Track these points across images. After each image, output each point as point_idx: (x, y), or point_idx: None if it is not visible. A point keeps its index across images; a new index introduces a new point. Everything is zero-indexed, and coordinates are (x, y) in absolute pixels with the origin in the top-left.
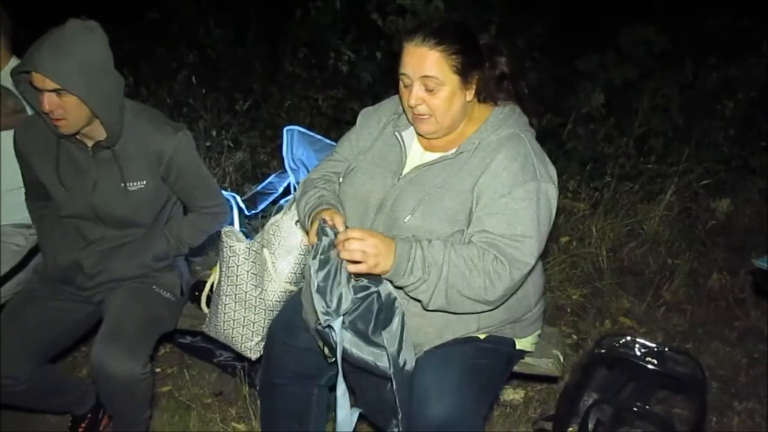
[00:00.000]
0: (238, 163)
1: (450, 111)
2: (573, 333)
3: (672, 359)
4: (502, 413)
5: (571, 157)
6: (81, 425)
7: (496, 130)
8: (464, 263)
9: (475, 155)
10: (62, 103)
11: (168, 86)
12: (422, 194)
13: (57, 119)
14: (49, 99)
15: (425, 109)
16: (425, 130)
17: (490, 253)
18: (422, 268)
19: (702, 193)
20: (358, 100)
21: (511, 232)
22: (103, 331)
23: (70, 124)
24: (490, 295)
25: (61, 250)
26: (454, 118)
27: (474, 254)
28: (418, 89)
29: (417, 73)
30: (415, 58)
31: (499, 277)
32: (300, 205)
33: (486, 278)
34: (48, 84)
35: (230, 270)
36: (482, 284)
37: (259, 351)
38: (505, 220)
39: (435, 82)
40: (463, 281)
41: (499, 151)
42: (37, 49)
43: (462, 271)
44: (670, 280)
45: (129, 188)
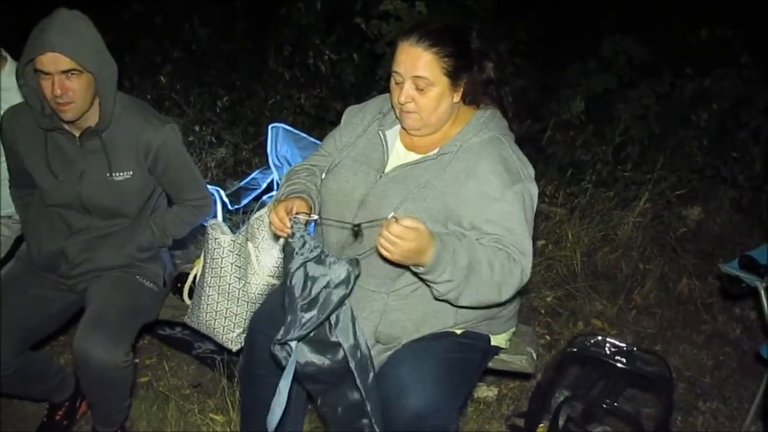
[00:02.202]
0: (220, 159)
1: (437, 111)
2: (546, 334)
3: (641, 359)
4: (476, 409)
5: (550, 163)
6: (58, 413)
7: (477, 133)
8: (487, 264)
9: (457, 157)
10: (72, 85)
11: (151, 79)
12: (406, 192)
13: (65, 103)
14: (60, 82)
15: (413, 107)
16: (410, 126)
17: (503, 252)
18: (452, 269)
19: (674, 201)
20: (341, 99)
21: (511, 233)
22: (87, 319)
23: (77, 108)
24: (504, 294)
25: (46, 238)
26: (440, 118)
27: (491, 254)
28: (409, 87)
29: (409, 72)
30: (409, 58)
31: (512, 276)
32: (280, 191)
33: (501, 279)
34: (62, 64)
35: (215, 262)
36: (497, 285)
37: (240, 342)
38: (502, 223)
39: (426, 82)
40: (480, 281)
41: (482, 155)
42: (43, 33)
43: (484, 273)
44: (641, 285)
45: (115, 178)
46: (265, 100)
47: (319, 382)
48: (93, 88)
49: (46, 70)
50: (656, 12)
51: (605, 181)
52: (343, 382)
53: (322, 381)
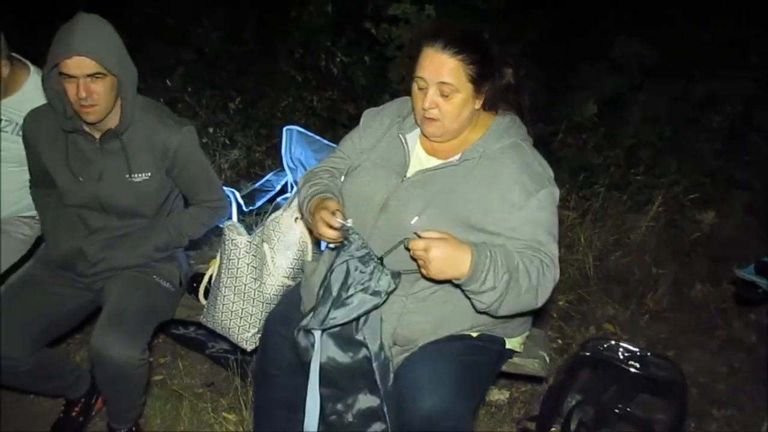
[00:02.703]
0: (233, 160)
1: (459, 117)
2: (558, 338)
3: (654, 364)
4: (488, 412)
5: (561, 166)
6: (74, 409)
7: (498, 139)
8: (525, 270)
9: (480, 164)
10: (97, 88)
11: (164, 82)
12: (429, 197)
13: (89, 106)
14: (85, 85)
15: (437, 113)
16: (432, 133)
17: (536, 258)
18: (494, 277)
19: (688, 205)
20: (352, 102)
21: (539, 239)
22: (104, 318)
23: (100, 111)
24: (540, 299)
25: (65, 237)
26: (461, 125)
27: (527, 261)
28: (433, 94)
29: (435, 78)
30: (434, 64)
31: (547, 280)
32: (301, 193)
33: (537, 284)
34: (87, 67)
35: (231, 262)
36: (535, 290)
37: (254, 342)
38: (529, 231)
39: (451, 88)
40: (520, 289)
41: (505, 162)
42: (68, 37)
43: (522, 280)
44: (654, 289)
45: (134, 179)
46: (277, 102)
47: (332, 386)
48: (115, 91)
49: (71, 73)
50: (661, 12)
51: (618, 184)
52: (356, 386)
53: (336, 384)
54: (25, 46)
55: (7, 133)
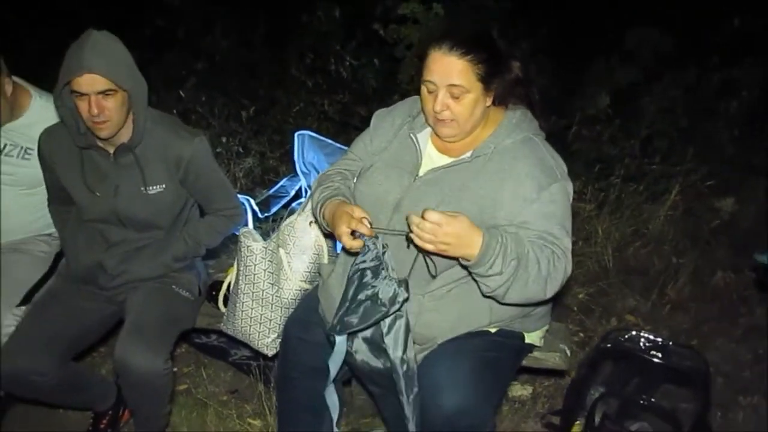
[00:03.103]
0: (248, 168)
1: (472, 116)
2: (579, 331)
3: (676, 353)
4: (511, 408)
5: (577, 159)
6: (102, 421)
7: (510, 134)
8: (534, 258)
9: (492, 159)
10: (108, 104)
11: (176, 93)
12: (442, 196)
13: (101, 122)
14: (97, 102)
15: (449, 115)
16: (446, 134)
17: (548, 249)
18: (502, 261)
19: (706, 193)
20: (364, 104)
21: (551, 231)
22: (126, 329)
23: (113, 126)
24: (549, 290)
25: (84, 252)
26: (475, 123)
27: (538, 250)
28: (444, 96)
29: (444, 81)
30: (443, 66)
31: (557, 272)
32: (314, 196)
33: (547, 274)
34: (99, 84)
35: (248, 269)
36: (545, 280)
37: (275, 348)
38: (541, 224)
39: (461, 90)
40: (528, 277)
41: (517, 157)
42: (78, 55)
43: (532, 267)
44: (674, 279)
45: (149, 192)
46: (289, 107)
47: (376, 385)
48: (127, 106)
49: (82, 90)
50: (674, 2)
51: (634, 175)
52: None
53: (379, 384)
54: (38, 65)
55: (11, 157)
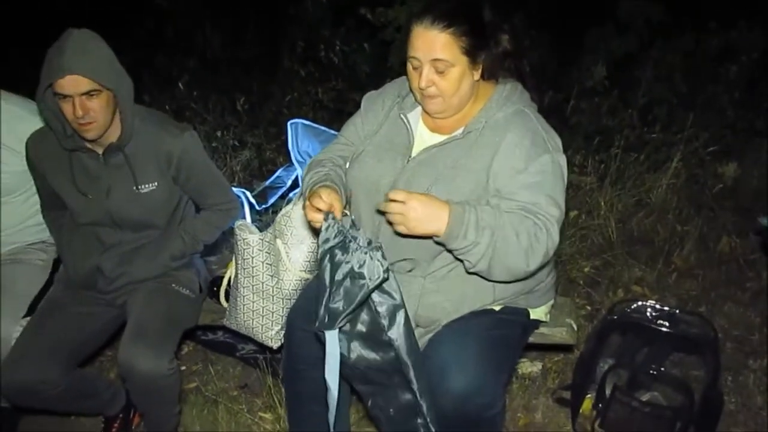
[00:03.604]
0: (245, 161)
1: (459, 91)
2: (587, 304)
3: (684, 321)
4: (521, 385)
5: (576, 132)
6: (114, 425)
7: (501, 107)
8: (511, 228)
9: (483, 134)
10: (93, 105)
11: (170, 91)
12: (435, 174)
13: (87, 123)
14: (81, 103)
15: (435, 91)
16: (434, 110)
17: (528, 220)
18: (475, 232)
19: (708, 159)
20: (357, 90)
21: (536, 201)
22: (128, 332)
23: (99, 127)
24: (532, 262)
25: (81, 256)
26: (462, 98)
27: (516, 221)
28: (429, 72)
29: (427, 56)
30: (425, 42)
31: (539, 242)
32: (304, 183)
33: (528, 245)
34: (82, 85)
35: (245, 262)
36: (525, 251)
37: (279, 340)
38: (527, 194)
39: (445, 64)
40: (508, 247)
41: (508, 129)
42: (59, 56)
43: (510, 238)
44: (680, 247)
45: (141, 191)
46: (283, 98)
47: (369, 383)
48: (113, 105)
49: (66, 92)
50: None
51: (634, 145)
52: (392, 382)
53: (372, 381)
54: (25, 67)
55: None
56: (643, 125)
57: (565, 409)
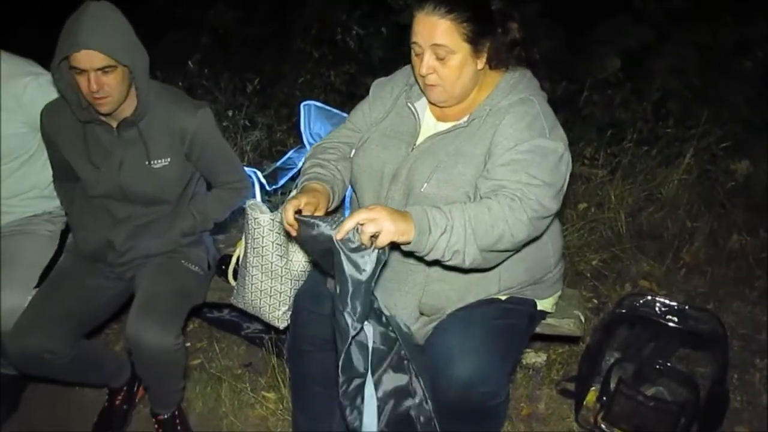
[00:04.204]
0: (255, 141)
1: (460, 79)
2: (593, 297)
3: (693, 317)
4: (525, 375)
5: (589, 124)
6: (118, 397)
7: (506, 95)
8: (482, 207)
9: (486, 121)
10: (108, 80)
11: (181, 69)
12: (437, 162)
13: (102, 98)
14: (96, 78)
15: (436, 79)
16: (435, 99)
17: (500, 195)
18: (444, 216)
19: (721, 155)
20: (370, 74)
21: (516, 179)
22: (137, 306)
23: (113, 101)
24: (516, 233)
25: (92, 229)
26: (464, 87)
27: (487, 202)
28: (429, 58)
29: (428, 41)
30: (426, 27)
31: (514, 212)
32: (303, 167)
33: (505, 216)
34: (97, 61)
35: (255, 242)
36: (504, 222)
37: (286, 320)
38: (509, 170)
39: (446, 50)
40: (485, 225)
41: (508, 112)
42: (75, 30)
43: (482, 216)
44: (689, 243)
45: (154, 166)
46: (295, 80)
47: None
48: (128, 80)
49: (81, 67)
50: None
51: (647, 139)
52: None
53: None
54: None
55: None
56: (657, 119)
57: (568, 400)
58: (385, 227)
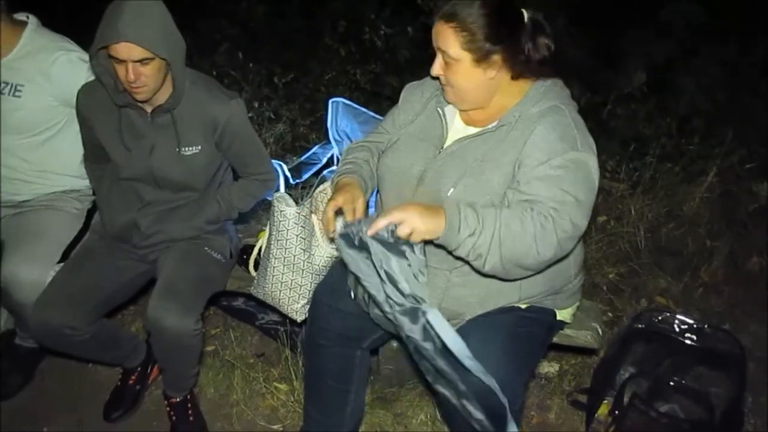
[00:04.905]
0: (279, 134)
1: (467, 86)
2: (608, 310)
3: (711, 336)
4: (537, 384)
5: (612, 137)
6: (131, 377)
7: (537, 102)
8: (516, 218)
9: (516, 128)
10: (146, 71)
11: (210, 58)
12: (464, 167)
13: (138, 87)
14: (134, 69)
15: (445, 80)
16: (450, 100)
17: (533, 210)
18: (476, 218)
19: (744, 176)
20: (395, 75)
21: (549, 195)
22: (159, 288)
23: (150, 90)
24: (542, 251)
25: (119, 210)
26: (475, 93)
27: (518, 213)
28: (439, 60)
29: (436, 44)
30: (435, 32)
31: (545, 230)
32: (339, 164)
33: (533, 232)
34: (136, 53)
35: (280, 234)
36: (533, 237)
37: (304, 313)
38: (544, 186)
39: (449, 57)
40: (514, 236)
41: (539, 122)
42: (113, 21)
43: (514, 227)
44: (708, 262)
45: (184, 153)
46: (321, 76)
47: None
48: (164, 71)
49: (120, 57)
50: None
51: (670, 155)
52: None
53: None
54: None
55: (3, 95)
56: (681, 135)
57: (579, 412)
58: (416, 227)
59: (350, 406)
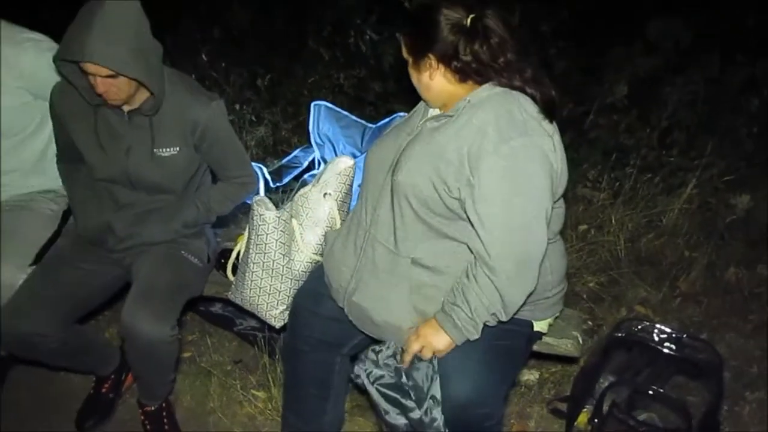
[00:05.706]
0: (260, 138)
1: (418, 85)
2: (589, 319)
3: (690, 345)
4: (517, 392)
5: (593, 147)
6: (105, 385)
7: (490, 88)
8: (473, 294)
9: (463, 113)
10: (116, 83)
11: (192, 60)
12: (412, 151)
13: (110, 96)
14: (103, 82)
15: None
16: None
17: (479, 270)
18: (465, 305)
19: (722, 189)
20: (380, 80)
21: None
22: (134, 293)
23: (122, 98)
24: (512, 301)
25: (94, 212)
26: (428, 92)
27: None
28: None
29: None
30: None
31: (488, 287)
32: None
33: (492, 291)
34: (104, 71)
35: (259, 238)
36: (497, 296)
37: (283, 319)
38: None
39: (404, 56)
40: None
41: (485, 107)
42: (81, 36)
43: (480, 299)
44: (687, 272)
45: (161, 154)
46: (305, 80)
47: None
48: (136, 83)
49: (87, 71)
50: None
51: (650, 166)
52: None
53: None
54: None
55: None
56: (662, 147)
57: (558, 420)
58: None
59: (330, 413)
